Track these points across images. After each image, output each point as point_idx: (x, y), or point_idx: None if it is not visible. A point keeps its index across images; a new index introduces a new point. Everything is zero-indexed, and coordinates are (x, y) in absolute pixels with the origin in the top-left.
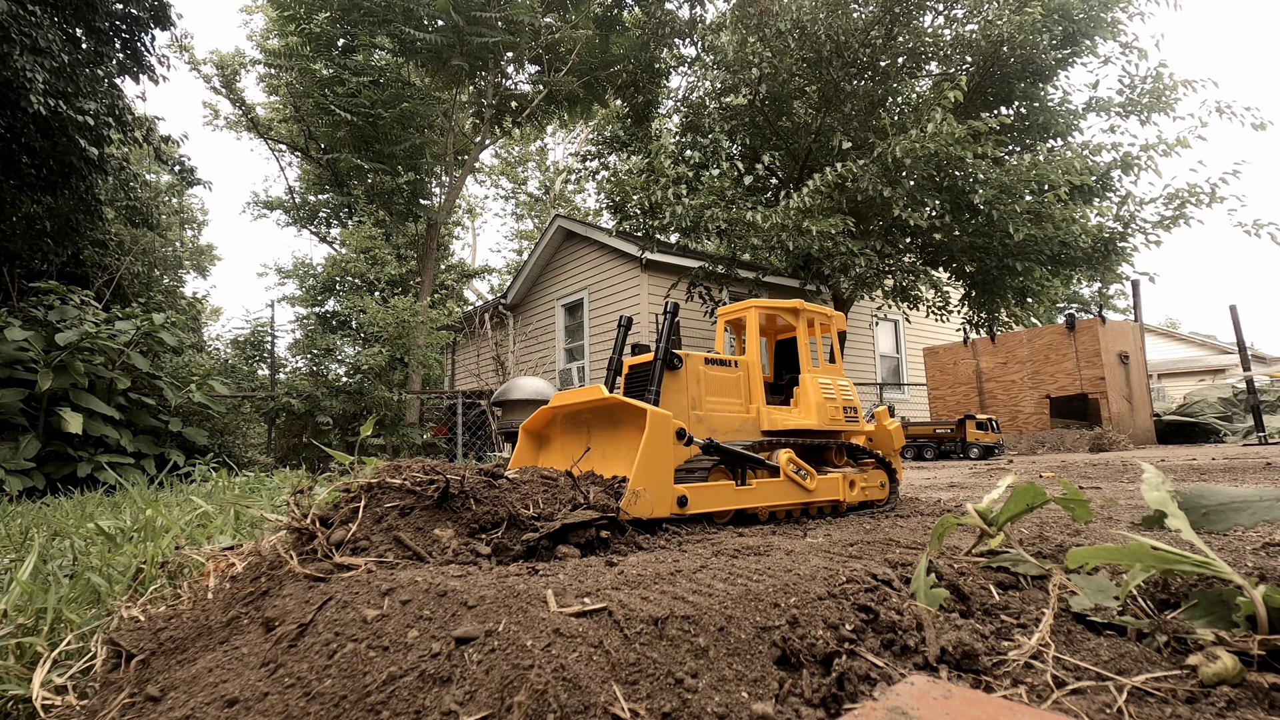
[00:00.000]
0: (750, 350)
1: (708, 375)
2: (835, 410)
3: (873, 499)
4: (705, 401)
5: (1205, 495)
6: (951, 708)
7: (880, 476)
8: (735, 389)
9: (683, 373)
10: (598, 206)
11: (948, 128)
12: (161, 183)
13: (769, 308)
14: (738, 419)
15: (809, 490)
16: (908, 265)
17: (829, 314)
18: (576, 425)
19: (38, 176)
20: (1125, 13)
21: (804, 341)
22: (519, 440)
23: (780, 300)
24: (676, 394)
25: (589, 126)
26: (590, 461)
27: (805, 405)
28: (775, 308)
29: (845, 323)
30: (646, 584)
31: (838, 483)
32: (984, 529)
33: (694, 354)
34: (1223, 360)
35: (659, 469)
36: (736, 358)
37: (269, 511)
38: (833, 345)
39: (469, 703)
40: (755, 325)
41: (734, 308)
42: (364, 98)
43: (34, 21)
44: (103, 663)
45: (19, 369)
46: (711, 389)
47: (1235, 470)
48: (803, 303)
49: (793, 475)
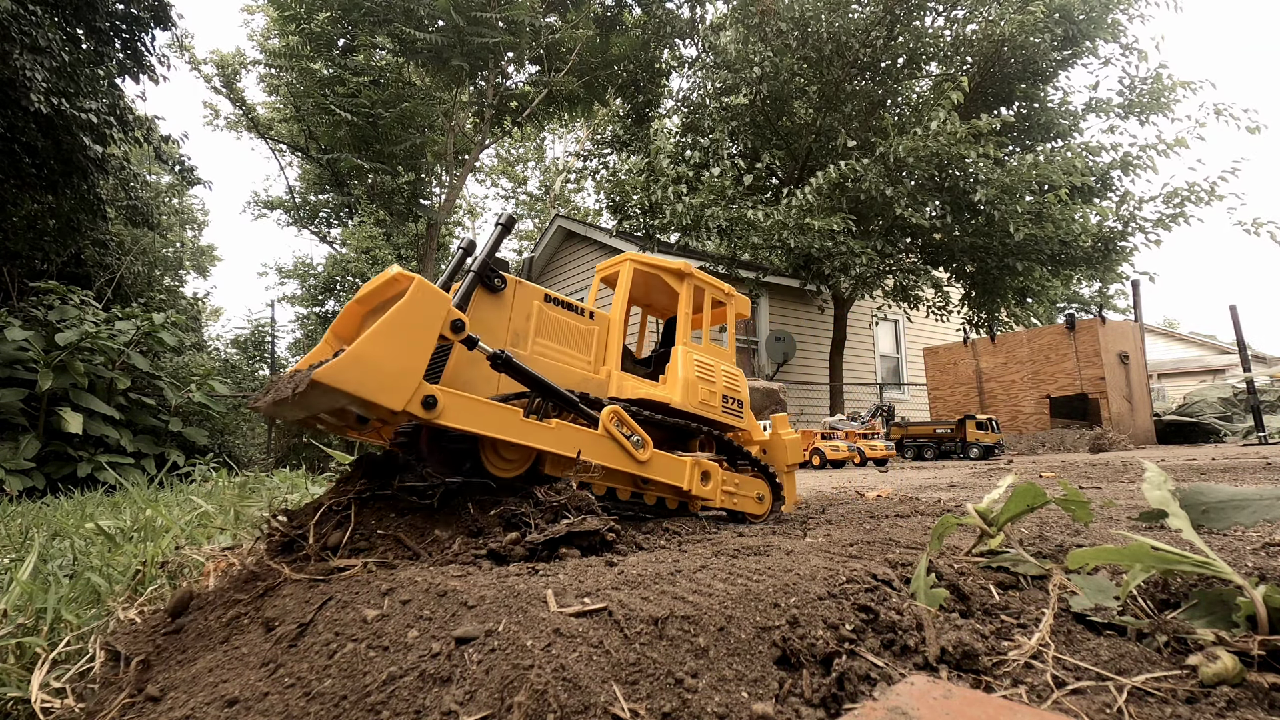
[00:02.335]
0: (615, 307)
1: (545, 314)
2: (708, 394)
3: (743, 509)
4: (534, 342)
5: (1205, 494)
6: (951, 708)
7: (759, 487)
8: (583, 343)
9: (507, 299)
10: (598, 206)
11: (950, 127)
12: (162, 183)
13: (649, 265)
14: (579, 376)
15: (638, 460)
16: (908, 265)
17: (727, 291)
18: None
19: (38, 176)
20: (1125, 14)
21: (684, 311)
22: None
23: (665, 259)
24: (494, 321)
25: (589, 126)
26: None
27: (671, 379)
28: (655, 266)
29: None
30: (646, 584)
31: (684, 467)
32: (984, 529)
33: (532, 285)
34: (1223, 360)
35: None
36: (594, 309)
37: (266, 511)
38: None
39: (469, 703)
40: (627, 282)
41: (610, 262)
42: (364, 98)
43: (34, 21)
44: (101, 664)
45: (19, 369)
46: (547, 331)
47: (1235, 470)
48: (690, 266)
49: (615, 432)
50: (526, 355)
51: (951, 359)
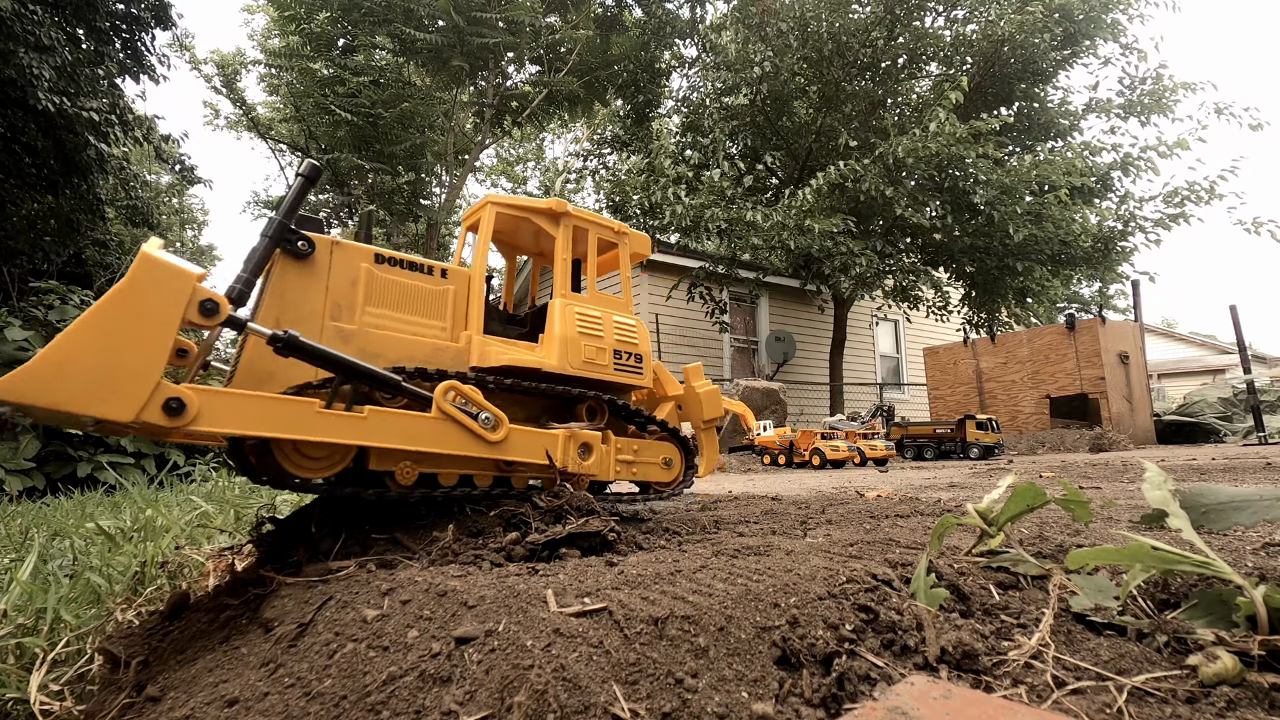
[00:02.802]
0: (477, 259)
1: (377, 277)
2: (595, 352)
3: (648, 479)
4: (364, 313)
5: (1205, 494)
6: (951, 708)
7: (666, 450)
8: (434, 307)
9: (320, 264)
10: (598, 206)
11: (950, 128)
12: (162, 182)
13: (516, 208)
14: (429, 346)
15: (489, 441)
16: (908, 265)
17: (617, 228)
18: None
19: (39, 176)
20: (1125, 14)
21: (563, 256)
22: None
23: (536, 200)
24: (304, 294)
25: (589, 126)
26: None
27: (548, 339)
28: (525, 209)
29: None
30: (646, 584)
31: (554, 441)
32: (984, 529)
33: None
34: (1223, 360)
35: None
36: (445, 265)
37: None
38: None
39: (469, 703)
40: (489, 228)
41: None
42: (364, 98)
43: (36, 20)
44: (99, 666)
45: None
46: (382, 298)
47: (1235, 470)
48: (566, 204)
49: (453, 411)
50: (354, 329)
51: (951, 359)
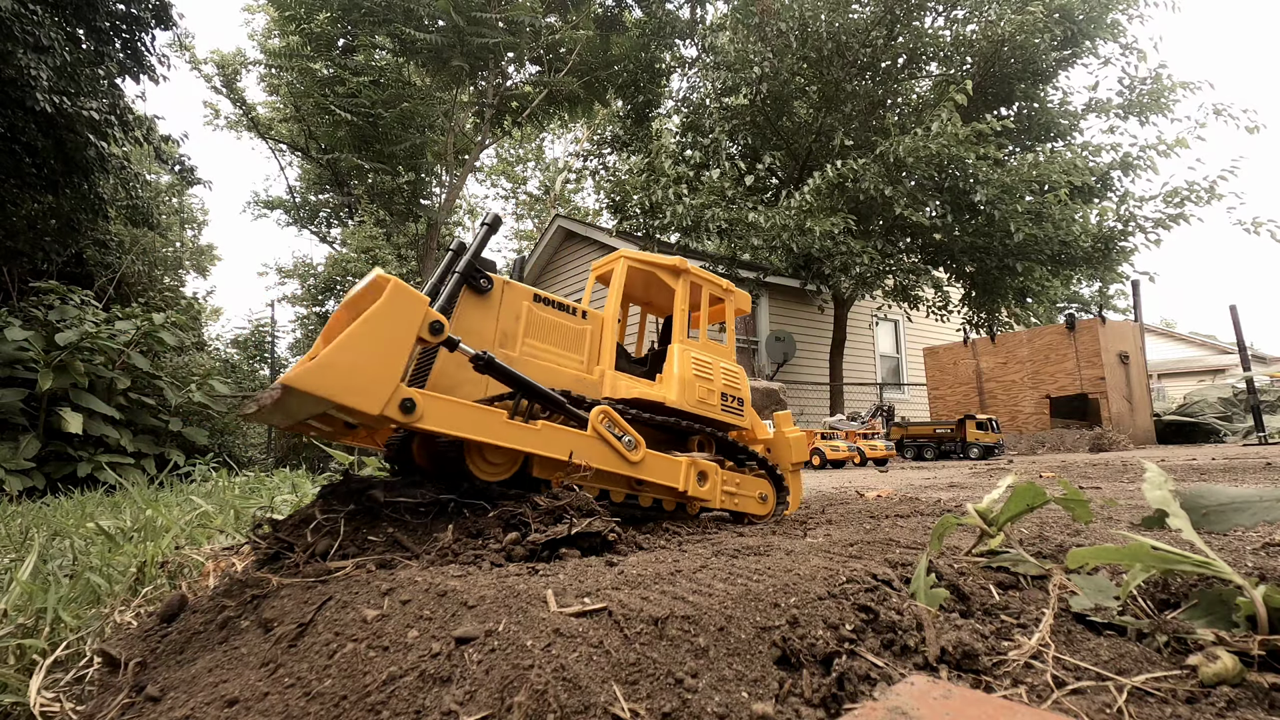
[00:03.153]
0: (610, 305)
1: (534, 314)
2: (706, 392)
3: (744, 510)
4: (523, 343)
5: (1206, 495)
6: (951, 708)
7: (762, 486)
8: (575, 343)
9: (494, 300)
10: (598, 206)
11: (952, 128)
12: (161, 182)
13: (644, 263)
14: (571, 376)
15: (630, 461)
16: (908, 265)
17: (726, 287)
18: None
19: (39, 176)
20: (1125, 15)
21: (681, 307)
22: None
23: (661, 256)
24: (480, 323)
25: (589, 126)
26: None
27: (667, 378)
28: (651, 264)
29: (749, 303)
30: (646, 584)
31: (679, 467)
32: (984, 529)
33: (520, 285)
34: (1223, 360)
35: (380, 354)
36: (586, 308)
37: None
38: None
39: (469, 703)
40: (621, 280)
41: (604, 259)
42: (364, 98)
43: (36, 20)
44: (98, 667)
45: (19, 369)
46: (537, 331)
47: (1235, 470)
48: (686, 262)
49: (605, 433)
50: (515, 356)
51: (951, 359)
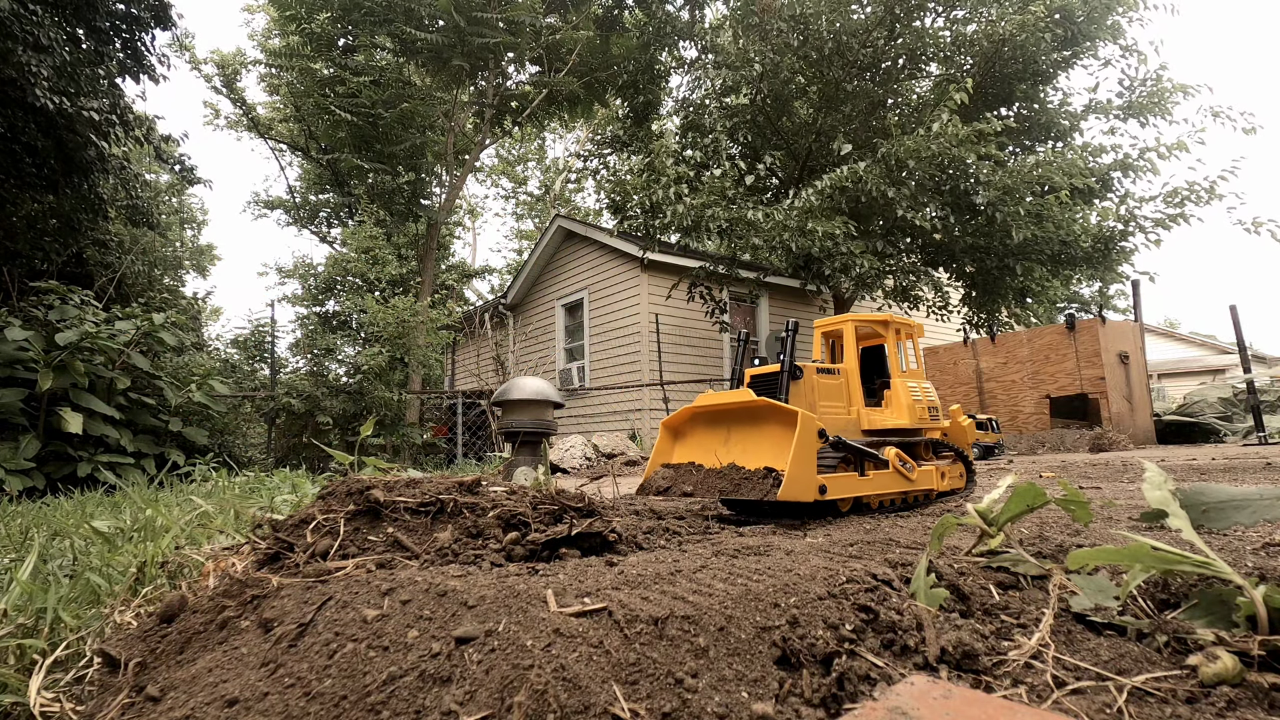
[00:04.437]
0: (849, 359)
1: (819, 382)
2: (922, 411)
3: (955, 488)
4: (819, 405)
5: (1205, 493)
6: (951, 708)
7: (960, 468)
8: (840, 394)
9: (803, 381)
10: (598, 206)
11: (952, 129)
12: (161, 182)
13: (863, 321)
14: (843, 420)
15: (911, 481)
16: (908, 265)
17: (911, 324)
18: (716, 423)
19: (39, 175)
20: (1125, 17)
21: (893, 350)
22: (659, 436)
23: (871, 315)
24: (798, 399)
25: (589, 126)
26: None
27: (898, 407)
28: (868, 321)
29: (922, 331)
30: (646, 584)
31: (932, 474)
32: (984, 529)
33: (808, 364)
34: (1223, 360)
35: (806, 461)
36: (839, 366)
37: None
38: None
39: (469, 703)
40: (853, 336)
41: (831, 321)
42: (364, 98)
43: (35, 20)
44: (98, 668)
45: (19, 369)
46: (823, 394)
47: (1235, 470)
48: (892, 315)
49: (899, 468)
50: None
51: (951, 359)
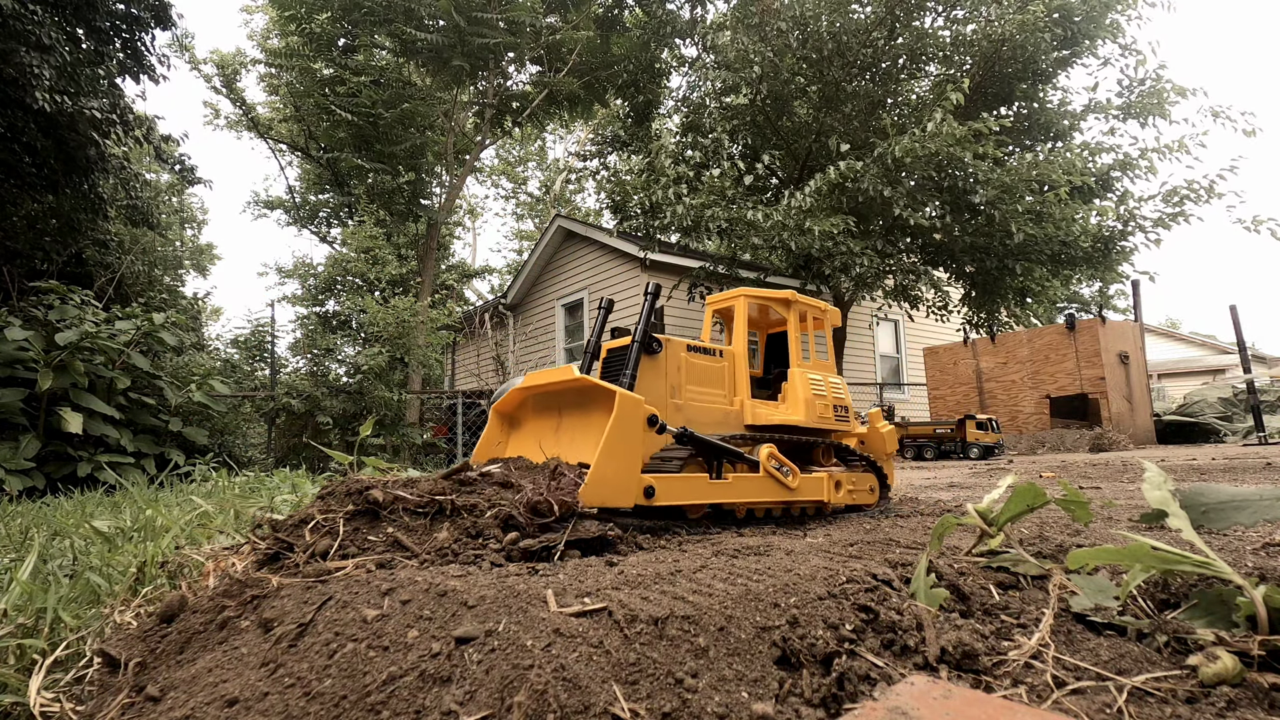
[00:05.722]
0: (737, 340)
1: (689, 363)
2: (824, 408)
3: (861, 503)
4: (685, 390)
5: (1205, 494)
6: (951, 708)
7: (870, 480)
8: (719, 379)
9: (662, 358)
10: (598, 206)
11: (948, 128)
12: (161, 182)
13: (759, 297)
14: (720, 411)
15: (790, 489)
16: (908, 265)
17: (823, 308)
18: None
19: (39, 175)
20: (1124, 16)
21: (795, 335)
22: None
23: (772, 290)
24: (654, 380)
25: (589, 126)
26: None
27: (793, 401)
28: (766, 298)
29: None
30: (647, 584)
31: (822, 482)
32: (984, 529)
33: (676, 339)
34: (1223, 360)
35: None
36: (722, 347)
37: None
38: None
39: (469, 702)
40: (744, 315)
41: (723, 296)
42: (364, 98)
43: (36, 20)
44: (98, 668)
45: (19, 369)
46: (693, 378)
47: (1235, 470)
48: (795, 294)
49: (773, 471)
50: (682, 404)
51: (951, 359)
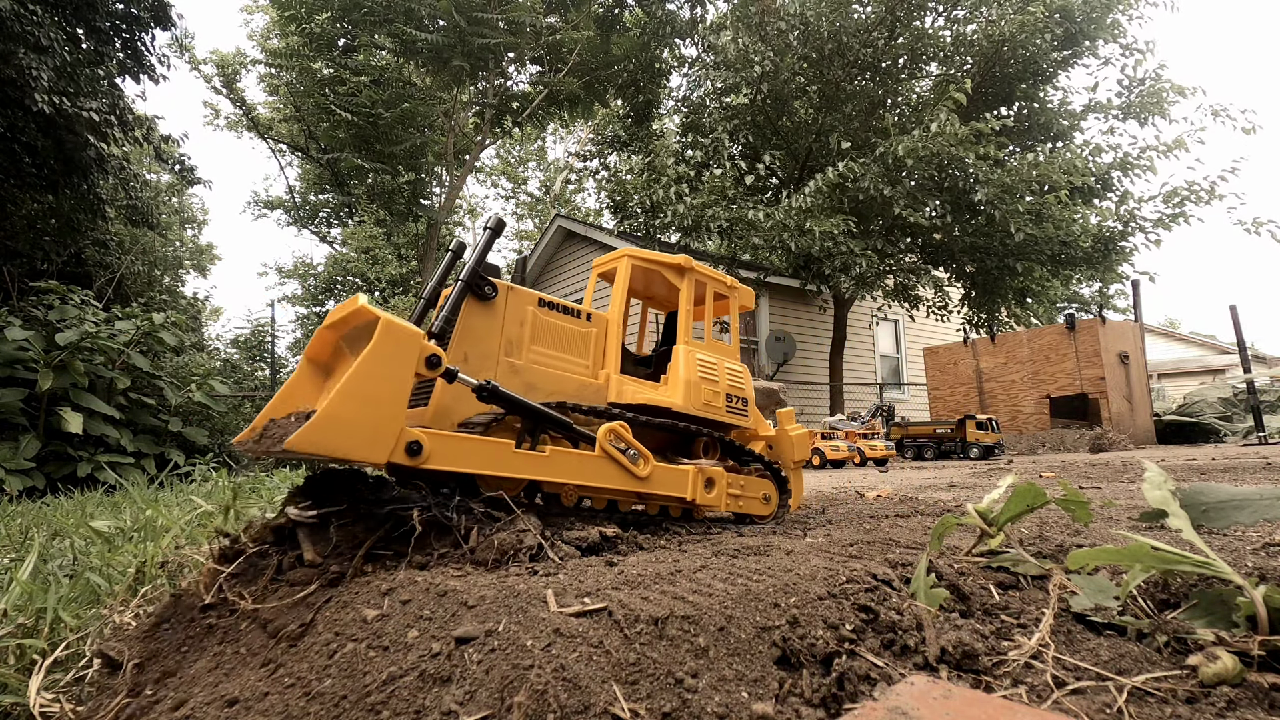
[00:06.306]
0: (614, 306)
1: (539, 320)
2: (712, 395)
3: (750, 512)
4: (529, 350)
5: (1205, 493)
6: (951, 708)
7: (765, 487)
8: (580, 346)
9: (499, 307)
10: (598, 206)
11: (950, 128)
12: (161, 182)
13: (648, 261)
14: (576, 382)
15: (638, 477)
16: (908, 265)
17: (729, 284)
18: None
19: (39, 176)
20: (1125, 15)
21: (685, 307)
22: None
23: (664, 255)
24: (486, 332)
25: (590, 126)
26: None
27: (673, 381)
28: (655, 261)
29: (752, 299)
30: (646, 584)
31: (686, 477)
32: (984, 529)
33: (525, 290)
34: (1223, 360)
35: (378, 399)
36: (591, 310)
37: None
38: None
39: (469, 702)
40: (625, 279)
41: (608, 257)
42: (364, 98)
43: (35, 20)
44: (97, 668)
45: (19, 369)
46: (543, 338)
47: (1235, 470)
48: (691, 260)
49: (613, 451)
50: (521, 365)
51: (951, 359)
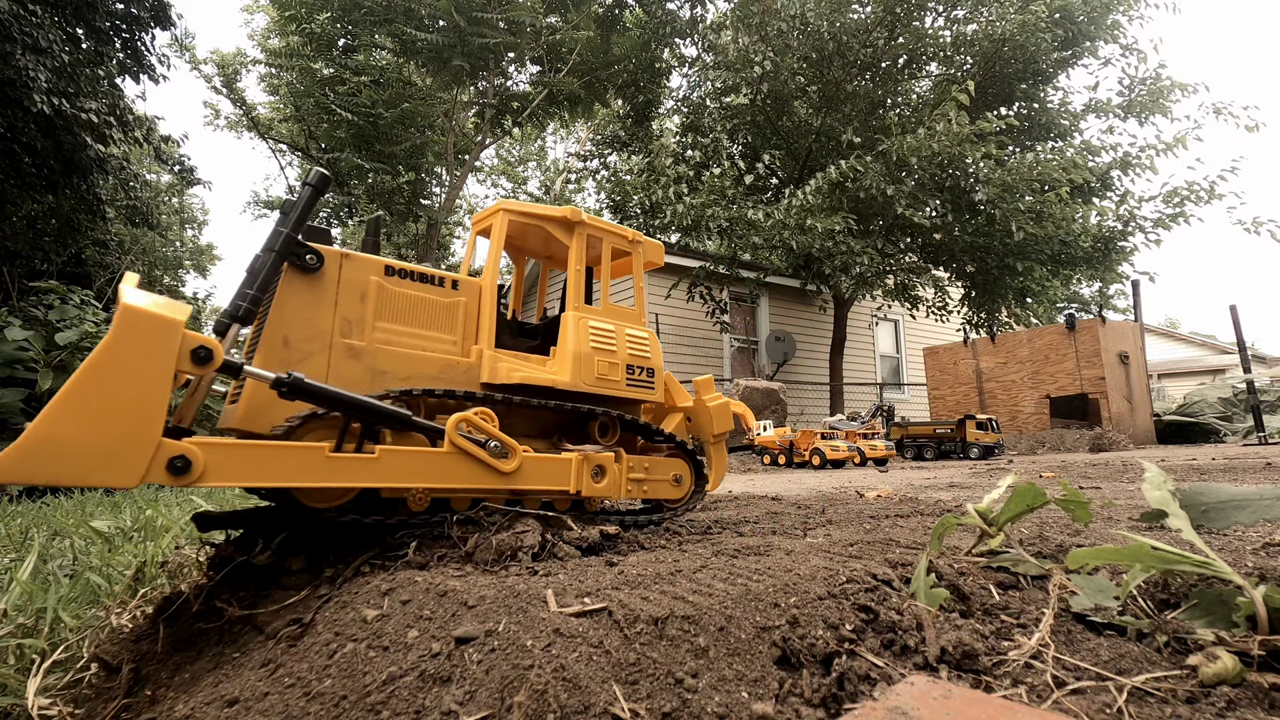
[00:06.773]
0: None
1: (387, 291)
2: (607, 367)
3: (658, 497)
4: (374, 328)
5: (1205, 493)
6: (951, 708)
7: (676, 468)
8: (445, 320)
9: (329, 279)
10: (598, 206)
11: (956, 128)
12: (161, 182)
13: (528, 215)
14: (440, 362)
15: (503, 473)
16: (908, 264)
17: (630, 236)
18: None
19: (38, 176)
20: (1125, 16)
21: (575, 267)
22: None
23: (548, 208)
24: (314, 309)
25: (590, 126)
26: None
27: (561, 355)
28: (537, 216)
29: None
30: (646, 584)
31: (568, 466)
32: (984, 529)
33: (362, 255)
34: (1223, 360)
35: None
36: (456, 276)
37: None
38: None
39: (469, 702)
40: (500, 236)
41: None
42: (364, 97)
43: (35, 21)
44: (97, 668)
45: (19, 369)
46: (393, 312)
47: (1235, 470)
48: (580, 212)
49: (465, 444)
50: (365, 346)
51: (951, 359)
